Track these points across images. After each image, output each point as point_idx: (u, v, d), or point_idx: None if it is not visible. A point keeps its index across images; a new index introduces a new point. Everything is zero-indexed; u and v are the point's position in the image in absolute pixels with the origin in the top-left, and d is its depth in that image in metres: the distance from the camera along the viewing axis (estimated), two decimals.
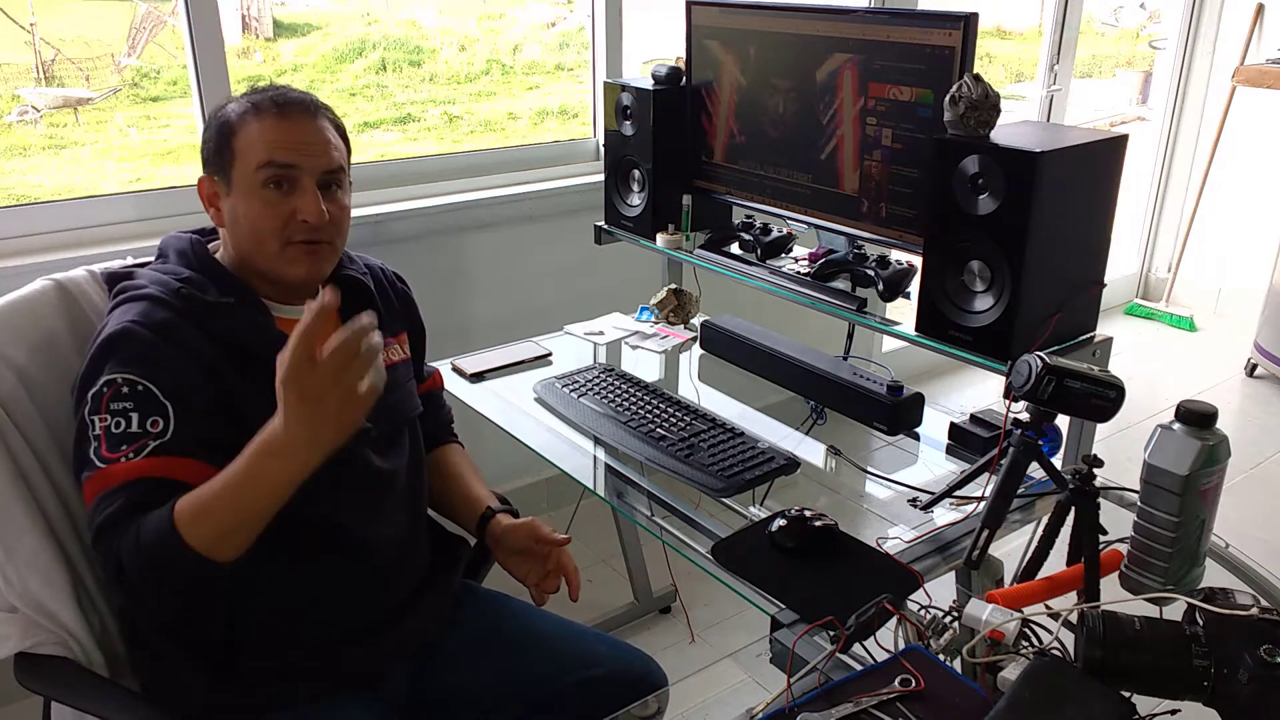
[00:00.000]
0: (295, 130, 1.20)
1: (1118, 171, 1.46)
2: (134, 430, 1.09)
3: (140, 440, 1.09)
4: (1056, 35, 3.71)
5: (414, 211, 2.30)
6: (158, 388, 1.11)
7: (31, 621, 1.20)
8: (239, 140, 1.19)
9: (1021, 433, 1.21)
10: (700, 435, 1.53)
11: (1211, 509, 1.09)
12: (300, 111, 1.22)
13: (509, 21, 4.90)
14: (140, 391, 1.10)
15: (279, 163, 1.19)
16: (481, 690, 1.32)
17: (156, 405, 1.10)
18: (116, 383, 1.10)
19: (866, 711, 0.89)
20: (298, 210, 1.19)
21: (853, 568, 1.24)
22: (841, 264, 1.76)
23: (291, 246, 1.21)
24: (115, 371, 1.11)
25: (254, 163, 1.18)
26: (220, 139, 1.21)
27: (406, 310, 1.44)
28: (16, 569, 1.19)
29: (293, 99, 1.23)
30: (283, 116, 1.20)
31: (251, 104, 1.21)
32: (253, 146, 1.19)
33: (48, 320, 1.29)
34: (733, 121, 1.87)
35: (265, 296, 1.24)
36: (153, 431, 1.09)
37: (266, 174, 1.18)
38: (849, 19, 1.62)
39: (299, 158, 1.19)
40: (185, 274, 1.20)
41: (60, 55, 4.20)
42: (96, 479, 1.09)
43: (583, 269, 2.59)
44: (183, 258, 1.23)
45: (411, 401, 1.40)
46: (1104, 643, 0.86)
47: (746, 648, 2.23)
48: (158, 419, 1.10)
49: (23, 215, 1.93)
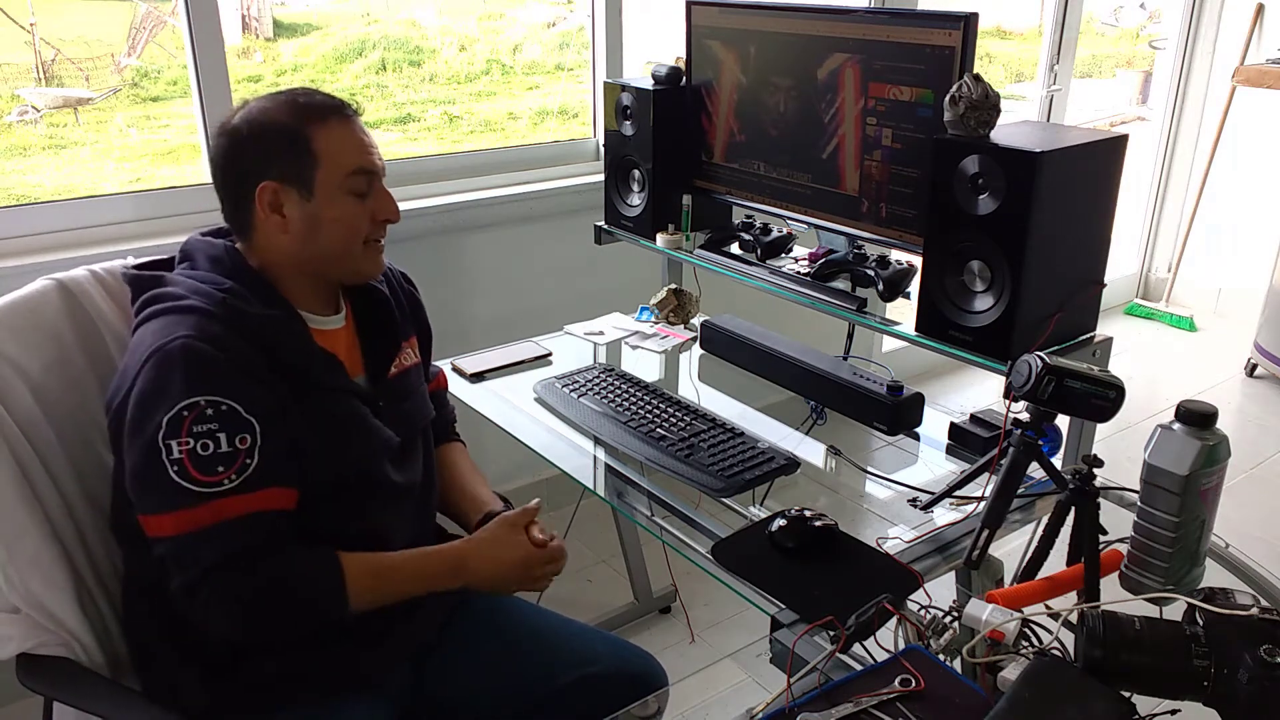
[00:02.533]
0: (362, 134, 1.24)
1: (1118, 171, 1.46)
2: (225, 450, 1.09)
3: (236, 459, 1.09)
4: (1056, 35, 3.71)
5: (414, 211, 2.30)
6: (240, 405, 1.10)
7: (33, 623, 1.20)
8: (319, 146, 1.18)
9: (1021, 433, 1.21)
10: (700, 435, 1.53)
11: (1211, 509, 1.09)
12: (355, 115, 1.24)
13: (509, 21, 4.90)
14: (225, 411, 1.09)
15: (368, 169, 1.22)
16: (481, 689, 1.33)
17: (241, 422, 1.10)
18: (199, 405, 1.08)
19: (866, 711, 0.89)
20: (377, 211, 1.24)
21: (853, 568, 1.24)
22: (841, 264, 1.76)
23: (369, 245, 1.26)
24: (195, 393, 1.08)
25: (345, 169, 1.20)
26: (294, 145, 1.18)
27: (414, 311, 1.44)
28: (19, 570, 1.19)
29: (343, 104, 1.24)
30: (348, 121, 1.22)
31: (308, 108, 1.20)
32: (338, 152, 1.19)
33: (51, 321, 1.28)
34: (733, 121, 1.87)
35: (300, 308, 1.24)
36: (242, 448, 1.10)
37: (359, 181, 1.21)
38: (849, 19, 1.62)
39: (376, 162, 1.24)
40: (226, 284, 1.17)
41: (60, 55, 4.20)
42: (204, 511, 1.08)
43: (583, 269, 2.59)
44: (218, 265, 1.21)
45: (426, 408, 1.41)
46: (1104, 643, 0.86)
47: (746, 648, 2.23)
48: (245, 435, 1.10)
49: (22, 215, 1.93)
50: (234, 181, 1.22)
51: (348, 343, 1.30)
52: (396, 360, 1.34)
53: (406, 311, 1.41)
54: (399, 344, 1.35)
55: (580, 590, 2.42)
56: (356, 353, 1.31)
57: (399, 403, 1.32)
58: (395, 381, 1.33)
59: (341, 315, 1.30)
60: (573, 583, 2.44)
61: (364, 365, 1.31)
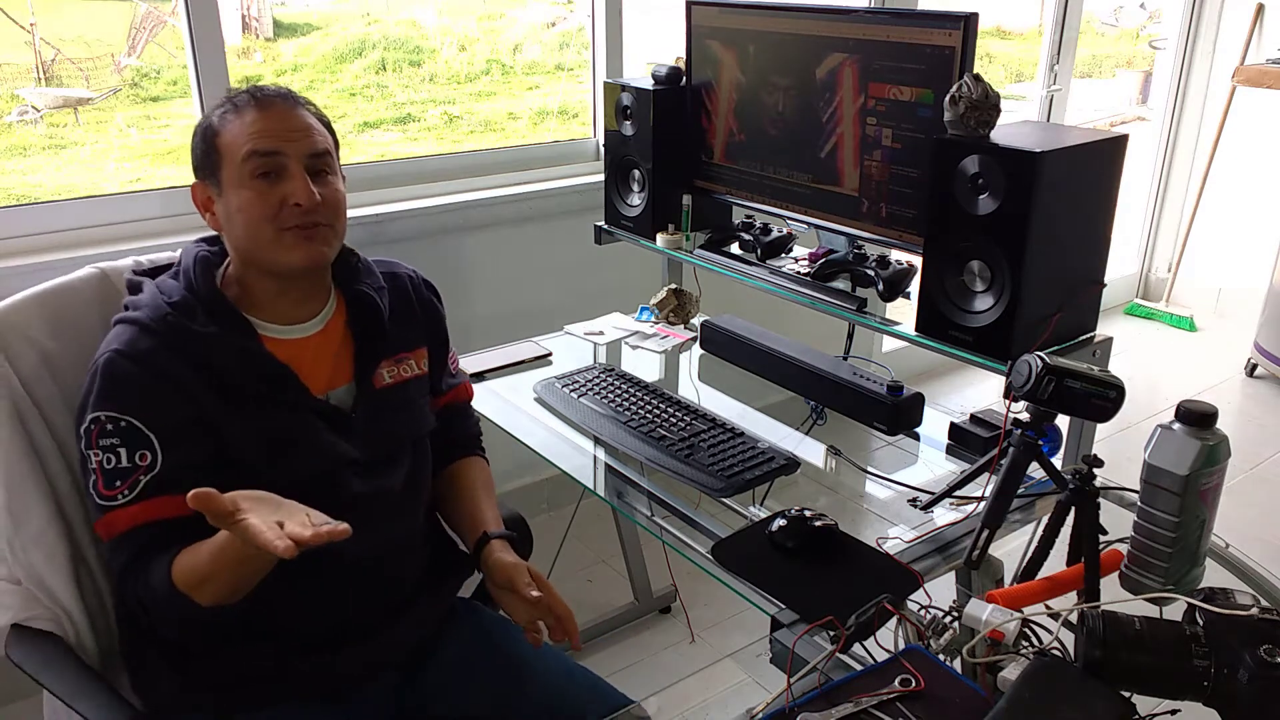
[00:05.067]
0: (275, 119, 1.20)
1: (1118, 171, 1.46)
2: (124, 465, 1.12)
3: (132, 475, 1.12)
4: (1056, 35, 3.71)
5: (414, 211, 2.30)
6: (141, 421, 1.13)
7: (30, 595, 1.24)
8: (222, 139, 1.20)
9: (1021, 433, 1.21)
10: (700, 435, 1.53)
11: (1211, 509, 1.09)
12: (279, 101, 1.22)
13: (509, 21, 4.91)
14: (124, 427, 1.12)
15: (262, 151, 1.18)
16: (463, 711, 1.30)
17: (141, 439, 1.12)
18: (101, 420, 1.13)
19: (866, 711, 0.89)
20: (287, 195, 1.18)
21: (853, 568, 1.24)
22: (841, 264, 1.76)
23: (287, 232, 1.19)
24: (100, 408, 1.13)
25: (239, 156, 1.18)
26: (205, 143, 1.21)
27: (431, 321, 1.41)
28: (23, 543, 1.24)
29: (269, 91, 1.23)
30: (262, 108, 1.20)
31: (231, 103, 1.22)
32: (236, 141, 1.19)
33: (80, 306, 1.33)
34: (733, 121, 1.87)
35: (261, 317, 1.23)
36: (141, 465, 1.12)
37: (253, 165, 1.18)
38: (849, 19, 1.62)
39: (282, 144, 1.19)
40: (177, 298, 1.19)
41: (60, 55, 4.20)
42: (103, 524, 1.14)
43: (583, 269, 2.59)
44: (185, 276, 1.22)
45: (418, 421, 1.36)
46: (1104, 643, 0.86)
47: (746, 648, 2.23)
48: (145, 452, 1.12)
49: (22, 215, 1.93)
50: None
51: (322, 351, 1.27)
52: (390, 370, 1.31)
53: (418, 319, 1.38)
54: (385, 353, 1.31)
55: (580, 590, 2.42)
56: (340, 360, 1.28)
57: (381, 415, 1.28)
58: (383, 393, 1.29)
59: (318, 321, 1.27)
60: (573, 583, 2.44)
61: (352, 372, 1.28)
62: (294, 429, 1.21)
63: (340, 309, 1.30)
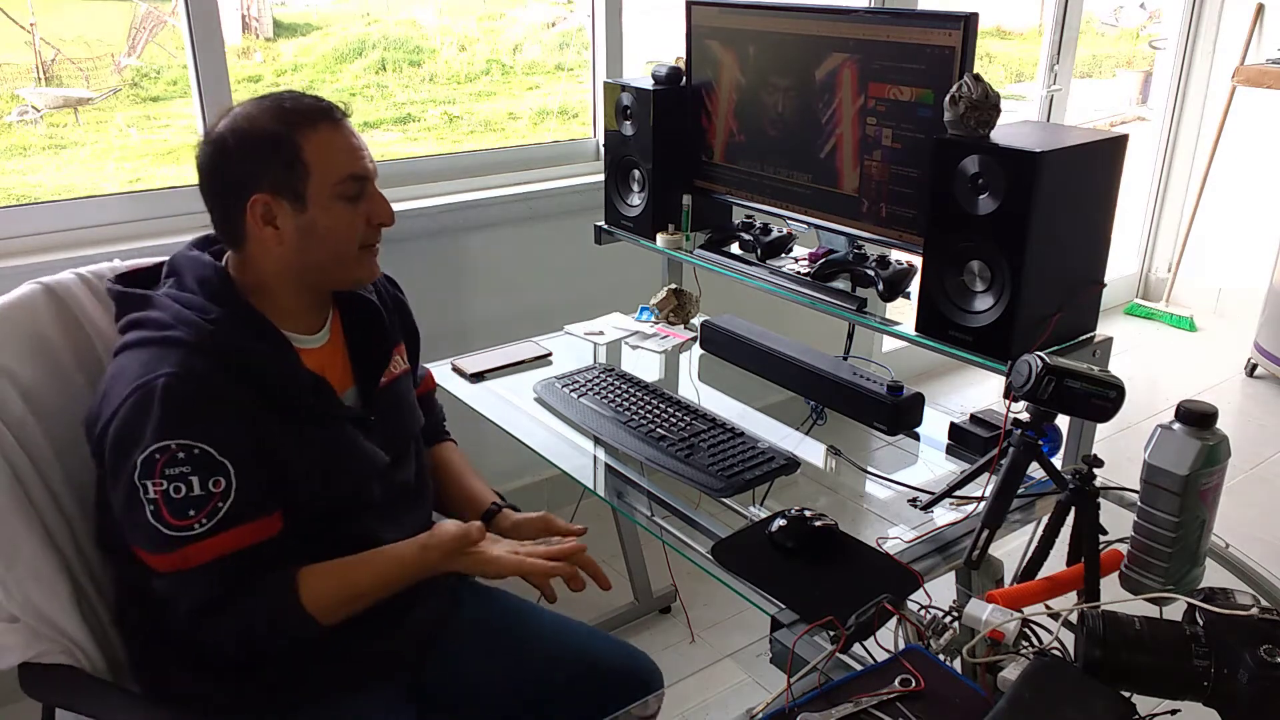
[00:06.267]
0: (352, 137, 1.20)
1: (1118, 171, 1.46)
2: (198, 494, 1.08)
3: (208, 504, 1.09)
4: (1056, 35, 3.71)
5: (414, 211, 2.30)
6: (213, 448, 1.09)
7: (34, 631, 1.19)
8: (308, 154, 1.15)
9: (1021, 433, 1.21)
10: (700, 435, 1.53)
11: (1211, 509, 1.09)
12: (344, 118, 1.21)
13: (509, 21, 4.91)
14: (197, 455, 1.08)
15: (360, 174, 1.19)
16: (481, 683, 1.33)
17: (214, 465, 1.09)
18: (171, 449, 1.07)
19: (866, 711, 0.89)
20: (371, 215, 1.22)
21: (853, 568, 1.24)
22: (841, 264, 1.76)
23: (364, 250, 1.23)
24: (168, 436, 1.07)
25: (335, 176, 1.17)
26: (285, 156, 1.15)
27: (402, 316, 1.43)
28: (16, 579, 1.18)
29: (332, 107, 1.20)
30: (338, 126, 1.19)
31: (296, 114, 1.17)
32: (329, 160, 1.16)
33: (39, 326, 1.26)
34: (732, 121, 1.87)
35: (286, 329, 1.21)
36: (215, 491, 1.09)
37: (351, 186, 1.18)
38: (849, 19, 1.62)
39: (368, 166, 1.21)
40: (213, 313, 1.15)
41: (60, 55, 4.20)
42: (175, 557, 1.10)
43: (583, 269, 2.59)
44: (205, 287, 1.17)
45: (417, 415, 1.40)
46: (1104, 643, 0.86)
47: (746, 648, 2.23)
48: (219, 479, 1.09)
49: (22, 216, 1.93)
50: (222, 192, 1.19)
51: (335, 358, 1.28)
52: (386, 370, 1.33)
53: (395, 318, 1.39)
54: (390, 354, 1.33)
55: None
56: (345, 366, 1.30)
57: (391, 414, 1.31)
58: (386, 392, 1.32)
59: (328, 329, 1.28)
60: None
61: (354, 377, 1.30)
62: (340, 442, 1.22)
63: (336, 312, 1.31)
